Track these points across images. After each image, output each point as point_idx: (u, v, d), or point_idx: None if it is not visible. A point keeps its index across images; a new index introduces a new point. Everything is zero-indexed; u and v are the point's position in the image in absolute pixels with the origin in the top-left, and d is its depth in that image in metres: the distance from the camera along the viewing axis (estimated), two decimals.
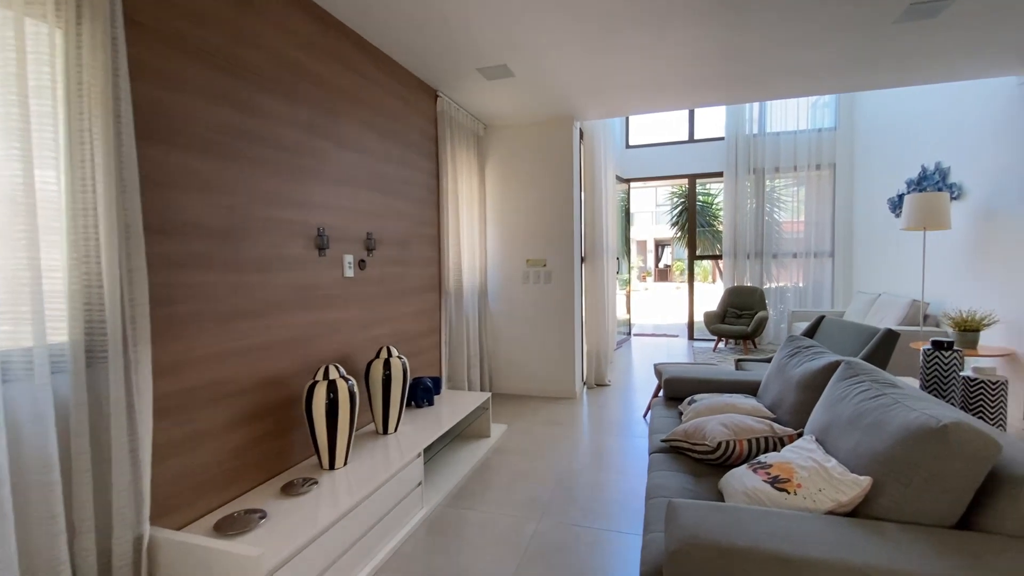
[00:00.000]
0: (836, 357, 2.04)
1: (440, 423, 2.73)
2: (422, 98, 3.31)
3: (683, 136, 7.14)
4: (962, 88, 4.06)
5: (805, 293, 6.65)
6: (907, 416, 1.36)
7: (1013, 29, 2.75)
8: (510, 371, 4.40)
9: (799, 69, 3.26)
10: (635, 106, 3.98)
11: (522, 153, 4.26)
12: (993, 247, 3.72)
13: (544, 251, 4.24)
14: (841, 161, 6.42)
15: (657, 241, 25.01)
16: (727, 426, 1.93)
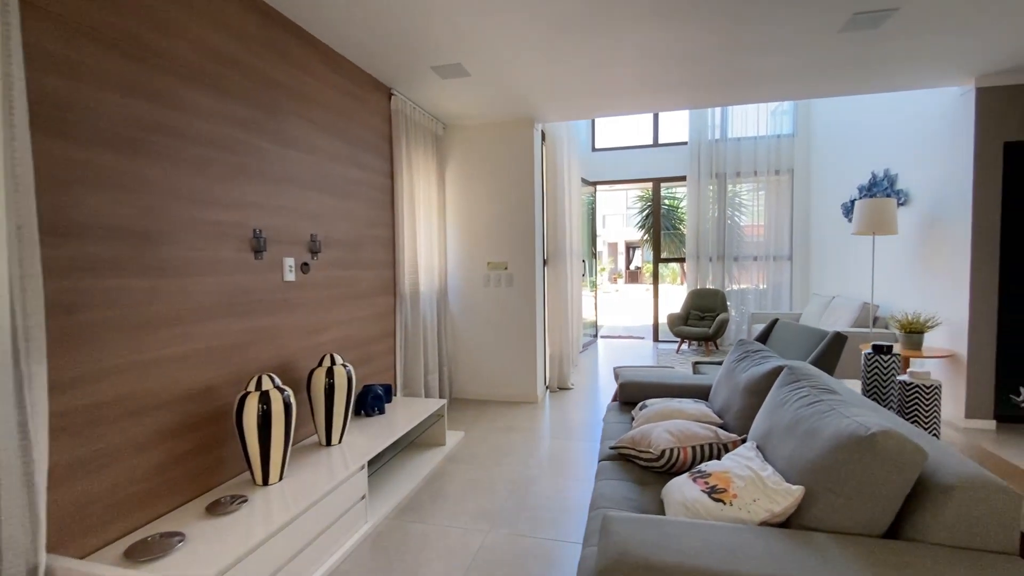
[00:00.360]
0: (780, 362, 2.05)
1: (389, 433, 2.64)
2: (375, 96, 3.21)
3: (648, 140, 7.21)
4: (909, 98, 4.19)
5: (765, 295, 6.80)
6: (839, 424, 1.35)
7: (952, 41, 2.84)
8: (471, 376, 4.33)
9: (752, 76, 3.30)
10: (595, 109, 3.97)
11: (483, 154, 4.19)
12: (936, 252, 3.85)
13: (506, 254, 4.18)
14: (799, 167, 6.58)
15: (628, 243, 25.32)
16: (672, 433, 1.90)
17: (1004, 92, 3.38)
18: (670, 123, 7.28)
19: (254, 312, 2.22)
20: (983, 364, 3.49)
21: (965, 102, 3.52)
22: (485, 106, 3.79)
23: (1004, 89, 3.38)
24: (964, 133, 3.52)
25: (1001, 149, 3.40)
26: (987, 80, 3.39)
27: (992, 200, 3.43)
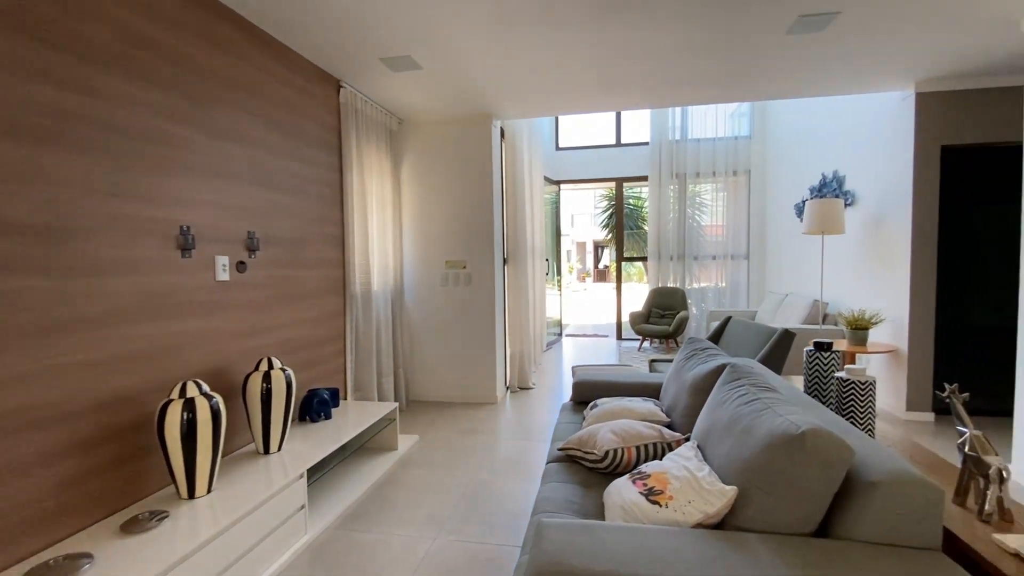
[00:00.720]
0: (725, 360, 2.05)
1: (335, 439, 2.53)
2: (322, 88, 3.09)
3: (611, 140, 7.26)
4: (856, 101, 4.33)
5: (724, 293, 6.94)
6: (773, 423, 1.34)
7: (893, 47, 2.93)
8: (429, 378, 4.24)
9: (705, 76, 3.33)
10: (554, 107, 3.94)
11: (439, 150, 4.11)
12: (880, 251, 3.98)
13: (464, 252, 4.11)
14: (755, 168, 6.75)
15: (596, 243, 25.58)
16: (617, 433, 1.88)
17: (941, 97, 3.52)
18: (632, 123, 7.35)
19: (182, 314, 2.08)
20: (922, 359, 3.63)
21: (905, 106, 3.65)
22: (441, 101, 3.70)
23: (941, 95, 3.52)
24: (904, 136, 3.66)
25: (938, 152, 3.55)
26: (926, 86, 3.52)
27: (930, 202, 3.57)
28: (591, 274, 25.25)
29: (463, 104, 3.78)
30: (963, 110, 3.51)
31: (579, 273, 23.99)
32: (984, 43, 2.88)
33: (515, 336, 4.57)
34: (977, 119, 3.49)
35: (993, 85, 3.45)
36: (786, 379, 2.78)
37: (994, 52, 2.99)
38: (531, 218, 5.24)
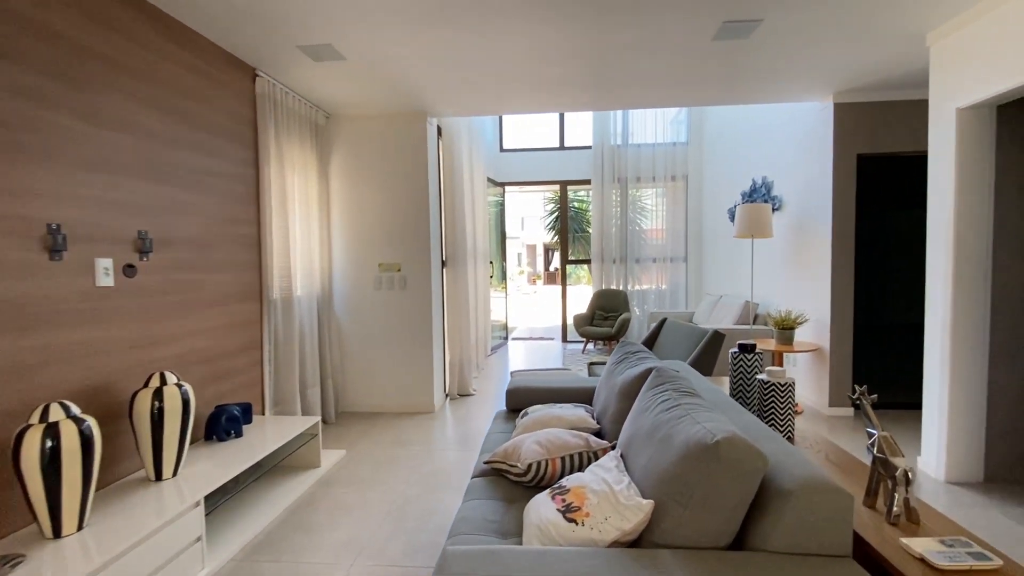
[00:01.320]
0: (652, 364, 2.02)
1: (244, 459, 2.30)
2: (234, 76, 2.84)
3: (555, 143, 7.27)
4: (781, 110, 4.51)
5: (664, 295, 7.10)
6: (690, 431, 1.29)
7: (813, 57, 3.04)
8: (361, 387, 4.02)
9: (636, 79, 3.34)
10: (491, 106, 3.85)
11: (371, 147, 3.92)
12: (804, 254, 4.16)
13: (399, 254, 3.94)
14: (692, 173, 6.95)
15: (546, 245, 25.79)
16: (542, 444, 1.79)
17: (857, 108, 3.71)
18: (576, 127, 7.39)
19: (49, 325, 1.81)
20: (842, 357, 3.80)
21: (825, 116, 3.82)
22: (371, 96, 3.52)
23: (857, 106, 3.71)
24: (824, 145, 3.83)
25: (855, 160, 3.73)
26: (842, 96, 3.70)
27: (848, 207, 3.74)
28: (541, 276, 25.43)
29: (396, 100, 3.62)
30: (876, 121, 3.71)
31: (529, 276, 24.09)
32: (894, 57, 3.04)
33: (455, 341, 4.43)
34: (889, 129, 3.70)
35: (903, 98, 3.67)
36: (716, 380, 2.81)
37: (903, 66, 3.17)
38: (473, 219, 5.13)
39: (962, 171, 2.58)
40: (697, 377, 2.19)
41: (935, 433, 2.73)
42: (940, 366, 2.69)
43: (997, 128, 2.60)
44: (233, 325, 2.81)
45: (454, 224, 4.41)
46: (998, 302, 2.65)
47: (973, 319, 2.62)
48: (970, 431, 2.65)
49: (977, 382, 2.64)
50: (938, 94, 2.72)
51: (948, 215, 2.63)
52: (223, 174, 2.74)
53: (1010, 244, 2.63)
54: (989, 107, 2.55)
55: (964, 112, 2.57)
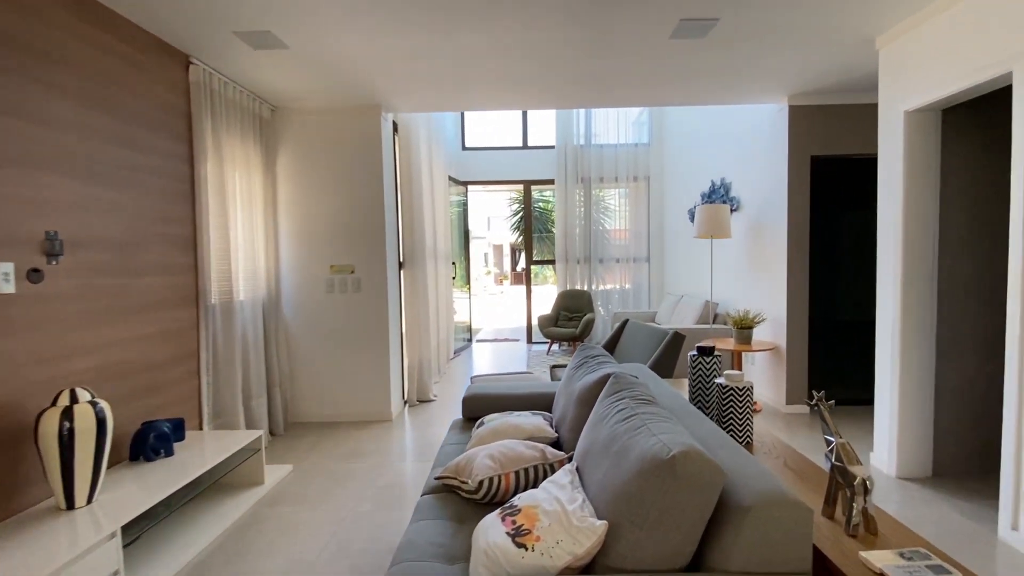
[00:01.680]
0: (610, 369, 1.94)
1: (173, 480, 2.10)
2: (164, 62, 2.62)
3: (518, 142, 7.19)
4: (740, 111, 4.56)
5: (628, 295, 7.13)
6: (645, 444, 1.21)
7: (769, 59, 3.05)
8: (313, 396, 3.82)
9: (597, 77, 3.29)
10: (449, 102, 3.72)
11: (322, 142, 3.72)
12: (762, 254, 4.21)
13: (352, 255, 3.76)
14: (654, 174, 7.01)
15: (512, 246, 25.74)
16: (495, 457, 1.69)
17: (810, 111, 3.78)
18: (539, 126, 7.34)
19: None
20: (798, 356, 3.87)
21: (780, 118, 3.88)
22: (320, 88, 3.34)
23: (810, 108, 3.78)
24: (780, 146, 3.88)
25: (809, 162, 3.80)
26: (797, 99, 3.76)
27: (802, 207, 3.81)
28: (508, 277, 25.37)
29: (347, 93, 3.45)
30: (830, 123, 3.78)
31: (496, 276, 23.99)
32: (845, 60, 3.09)
33: (414, 345, 4.27)
34: (841, 132, 3.79)
35: (855, 102, 3.76)
36: (677, 383, 2.78)
37: (854, 69, 3.23)
38: (433, 219, 4.98)
39: (910, 173, 2.63)
40: (656, 381, 2.13)
41: (886, 430, 2.78)
42: (891, 364, 2.74)
43: (942, 132, 2.67)
44: (165, 333, 2.58)
45: (412, 224, 4.26)
46: (943, 301, 2.72)
47: (921, 317, 2.68)
48: (919, 427, 2.71)
49: (925, 379, 2.70)
50: (887, 97, 2.77)
51: (897, 216, 2.68)
52: (152, 169, 2.51)
53: (953, 245, 2.70)
54: (935, 111, 2.61)
55: (912, 115, 2.62)
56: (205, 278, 2.80)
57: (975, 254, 2.71)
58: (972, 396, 2.75)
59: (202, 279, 2.80)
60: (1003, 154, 2.68)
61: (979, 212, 2.69)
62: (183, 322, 2.71)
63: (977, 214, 2.69)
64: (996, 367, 2.74)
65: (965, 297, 2.71)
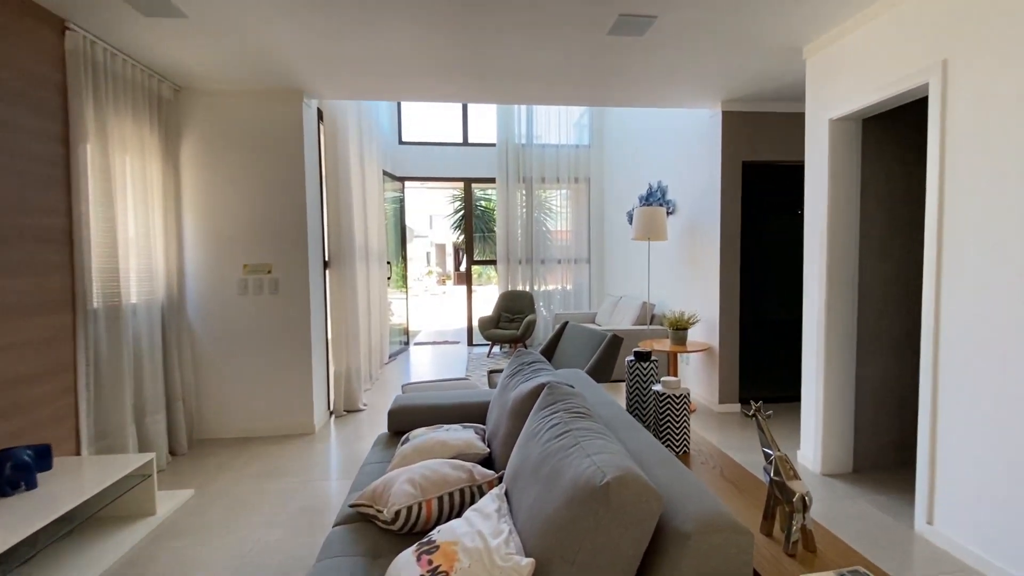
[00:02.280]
0: (546, 378, 1.82)
1: (32, 519, 1.75)
2: (30, 27, 2.21)
3: (458, 138, 7.00)
4: (676, 116, 4.62)
5: (569, 296, 7.12)
6: (578, 468, 1.09)
7: (704, 63, 3.06)
8: (223, 409, 3.44)
9: (534, 71, 3.18)
10: (379, 90, 3.48)
11: (234, 129, 3.36)
12: (696, 256, 4.28)
13: (269, 254, 3.42)
14: (594, 176, 7.04)
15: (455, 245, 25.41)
16: (415, 482, 1.51)
17: (742, 117, 3.87)
18: (480, 123, 7.18)
19: None
20: (730, 356, 3.95)
21: (714, 124, 3.95)
22: (230, 66, 3.00)
23: (742, 114, 3.87)
24: (713, 151, 3.95)
25: (740, 167, 3.89)
26: (730, 105, 3.83)
27: (734, 211, 3.89)
28: (452, 277, 25.01)
29: (263, 74, 3.12)
30: (760, 130, 3.89)
31: (439, 276, 23.57)
32: (775, 68, 3.16)
33: (341, 350, 3.98)
34: (771, 139, 3.90)
35: (784, 110, 3.88)
36: (614, 388, 2.71)
37: (783, 77, 3.32)
38: (364, 215, 4.69)
39: (834, 180, 2.72)
40: (593, 389, 2.03)
41: (812, 427, 2.86)
42: (815, 362, 2.82)
43: (862, 140, 2.77)
44: (28, 344, 2.18)
45: (339, 220, 3.96)
46: (864, 301, 2.83)
47: (843, 318, 2.77)
48: (841, 425, 2.81)
49: (847, 377, 2.80)
50: (813, 105, 2.85)
51: (822, 221, 2.76)
52: (12, 151, 2.11)
53: (873, 249, 2.82)
54: (856, 120, 2.71)
55: (836, 123, 2.70)
56: (84, 278, 2.41)
57: (892, 257, 2.84)
58: (888, 392, 2.88)
59: (80, 279, 2.41)
60: (916, 164, 2.83)
61: (895, 217, 2.82)
62: (54, 330, 2.31)
63: (893, 219, 2.82)
64: (910, 364, 2.89)
65: (883, 297, 2.84)
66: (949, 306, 2.06)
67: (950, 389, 2.07)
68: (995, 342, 1.88)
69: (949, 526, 2.08)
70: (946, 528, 2.10)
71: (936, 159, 2.08)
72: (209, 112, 3.34)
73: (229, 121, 3.35)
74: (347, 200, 3.99)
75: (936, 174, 2.08)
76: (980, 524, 1.95)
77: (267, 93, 3.37)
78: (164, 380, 3.05)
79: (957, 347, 2.03)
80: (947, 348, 2.07)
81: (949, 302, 2.06)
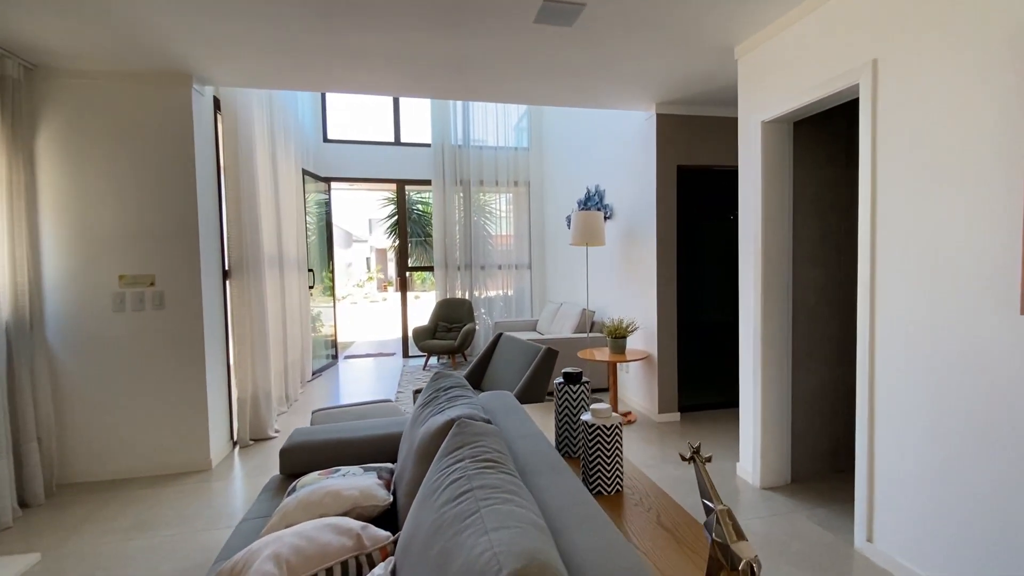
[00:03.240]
0: (458, 411, 1.54)
1: None
2: None
3: (390, 137, 6.61)
4: (613, 119, 4.50)
5: (511, 302, 6.90)
6: (472, 551, 0.83)
7: (638, 60, 2.91)
8: (95, 447, 2.91)
9: (454, 62, 2.91)
10: (281, 77, 3.09)
11: (107, 117, 2.86)
12: (634, 262, 4.16)
13: (151, 263, 2.94)
14: (534, 179, 6.87)
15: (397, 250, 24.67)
16: (282, 557, 1.19)
17: (677, 120, 3.79)
18: (415, 122, 6.84)
19: None
20: (668, 363, 3.85)
21: (649, 127, 3.84)
22: (99, 43, 2.52)
23: (677, 118, 3.79)
24: (649, 155, 3.85)
25: (675, 171, 3.80)
26: (664, 108, 3.74)
27: (670, 216, 3.80)
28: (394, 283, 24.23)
29: (139, 54, 2.66)
30: (695, 134, 3.83)
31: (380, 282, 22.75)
32: (707, 69, 3.07)
33: (246, 372, 3.52)
34: (706, 143, 3.85)
35: (717, 114, 3.84)
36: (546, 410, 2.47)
37: (717, 79, 3.24)
38: (277, 219, 4.24)
39: (767, 184, 2.63)
40: (518, 418, 1.78)
41: (751, 439, 2.76)
42: (753, 372, 2.73)
43: (793, 144, 2.71)
44: None
45: (242, 223, 3.51)
46: (798, 308, 2.76)
47: (779, 325, 2.69)
48: (779, 435, 2.72)
49: (783, 385, 2.72)
50: (746, 107, 2.76)
51: (757, 226, 2.67)
52: None
53: (805, 255, 2.76)
54: (787, 122, 2.64)
55: (768, 126, 2.62)
56: None
57: (825, 263, 2.80)
58: (823, 400, 2.83)
59: None
60: (847, 167, 2.81)
61: (827, 222, 2.79)
62: None
63: (826, 224, 2.78)
64: (843, 371, 2.86)
65: (817, 304, 2.79)
66: (884, 313, 1.98)
67: (886, 401, 1.99)
68: (932, 352, 1.80)
69: (889, 544, 2.00)
70: (886, 546, 2.01)
71: (868, 162, 2.00)
72: (73, 95, 2.82)
73: (100, 106, 2.85)
74: (252, 201, 3.54)
75: (868, 177, 2.00)
76: (920, 541, 1.87)
77: (146, 76, 2.90)
78: (12, 416, 2.51)
79: (892, 357, 1.95)
80: (883, 359, 1.99)
81: (884, 309, 1.98)
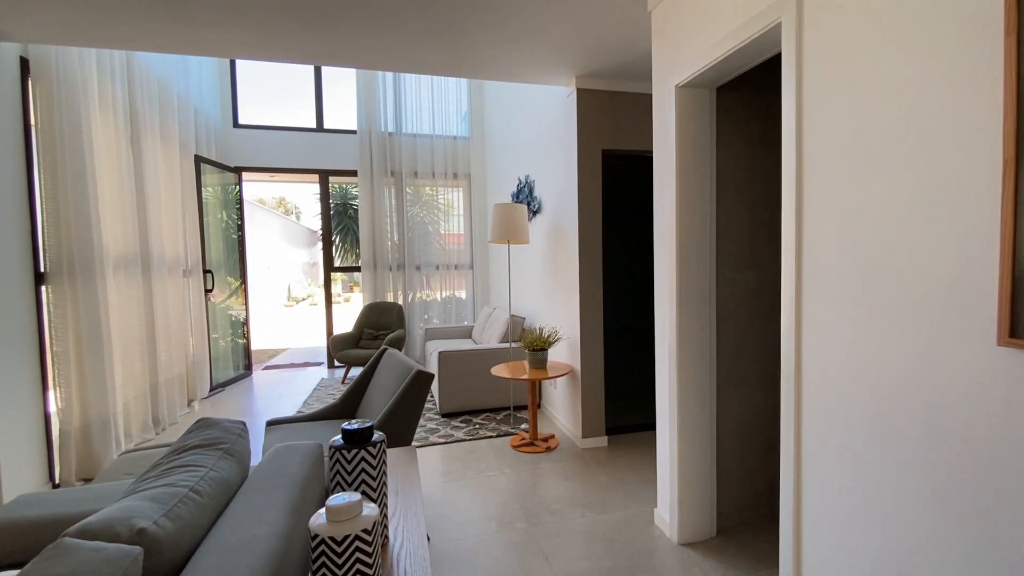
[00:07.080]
0: (117, 512, 0.97)
1: None
2: None
3: (312, 123, 5.98)
4: (541, 101, 3.95)
5: (450, 307, 6.33)
6: None
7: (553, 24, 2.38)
8: None
9: (323, 13, 2.33)
10: (96, 32, 2.46)
11: None
12: (558, 262, 3.64)
13: None
14: (475, 172, 6.32)
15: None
16: None
17: (599, 97, 3.27)
18: (341, 108, 6.21)
19: None
20: (594, 379, 3.33)
21: (569, 105, 3.32)
22: None
23: (599, 93, 3.27)
24: (571, 139, 3.32)
25: (600, 157, 3.28)
26: (584, 82, 3.22)
27: (594, 209, 3.28)
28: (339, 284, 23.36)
29: None
30: (620, 113, 3.31)
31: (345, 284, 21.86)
32: (625, 32, 2.56)
33: (70, 398, 2.87)
34: (632, 124, 3.34)
35: (645, 91, 3.33)
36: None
37: (636, 44, 2.73)
38: (143, 213, 3.59)
39: (684, 164, 2.12)
40: (268, 499, 1.21)
41: (667, 482, 2.25)
42: (668, 399, 2.21)
43: (717, 117, 2.21)
44: None
45: (67, 216, 2.85)
46: (723, 319, 2.26)
47: (700, 340, 2.19)
48: (701, 476, 2.22)
49: (706, 416, 2.21)
50: (660, 70, 2.24)
51: (671, 218, 2.15)
52: None
53: (732, 254, 2.26)
54: (708, 88, 2.13)
55: (683, 91, 2.10)
56: None
57: (758, 265, 2.30)
58: (757, 430, 2.34)
59: None
60: (779, 145, 2.32)
61: (757, 213, 2.29)
62: None
63: (755, 216, 2.29)
64: (778, 396, 2.37)
65: (747, 314, 2.29)
66: (810, 326, 1.48)
67: (815, 436, 1.48)
68: (870, 371, 1.30)
69: None
70: None
71: (792, 134, 1.49)
72: None
73: None
74: (80, 189, 2.89)
75: (792, 155, 1.50)
76: None
77: None
78: None
79: (823, 379, 1.45)
80: (810, 382, 1.49)
81: (811, 338, 1.48)
